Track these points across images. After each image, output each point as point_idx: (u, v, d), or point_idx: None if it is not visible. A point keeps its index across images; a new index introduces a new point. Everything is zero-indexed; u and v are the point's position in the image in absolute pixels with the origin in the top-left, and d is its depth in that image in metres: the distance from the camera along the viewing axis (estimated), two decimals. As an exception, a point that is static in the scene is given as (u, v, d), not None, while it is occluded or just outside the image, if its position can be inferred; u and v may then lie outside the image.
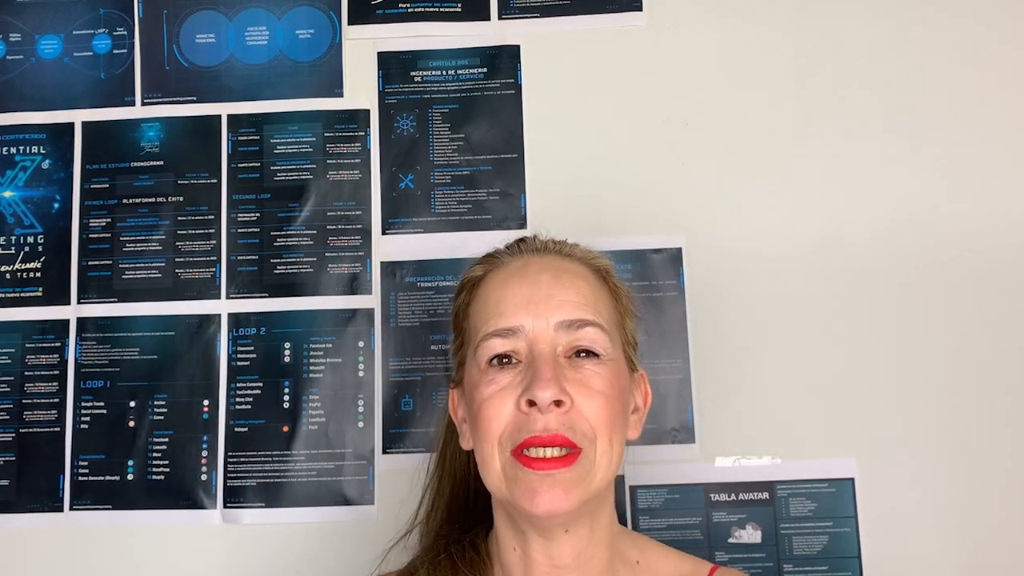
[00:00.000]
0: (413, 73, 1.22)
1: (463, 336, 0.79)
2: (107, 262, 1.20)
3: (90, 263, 1.20)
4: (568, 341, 0.72)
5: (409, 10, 1.23)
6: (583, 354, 0.72)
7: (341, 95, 1.22)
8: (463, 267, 1.16)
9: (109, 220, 1.21)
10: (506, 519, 0.76)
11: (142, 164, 1.21)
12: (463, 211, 1.19)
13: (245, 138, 1.21)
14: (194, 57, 1.24)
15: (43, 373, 1.18)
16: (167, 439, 1.16)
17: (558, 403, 0.69)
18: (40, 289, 1.20)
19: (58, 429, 1.16)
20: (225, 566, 1.13)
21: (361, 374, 1.16)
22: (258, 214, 1.20)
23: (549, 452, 0.69)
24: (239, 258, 1.19)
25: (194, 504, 1.14)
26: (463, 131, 1.20)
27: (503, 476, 0.71)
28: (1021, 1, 1.18)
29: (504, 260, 0.79)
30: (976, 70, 1.17)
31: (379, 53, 1.22)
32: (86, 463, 1.16)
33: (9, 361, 1.18)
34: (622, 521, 1.05)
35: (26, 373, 1.18)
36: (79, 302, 1.19)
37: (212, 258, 1.19)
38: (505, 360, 0.72)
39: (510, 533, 0.76)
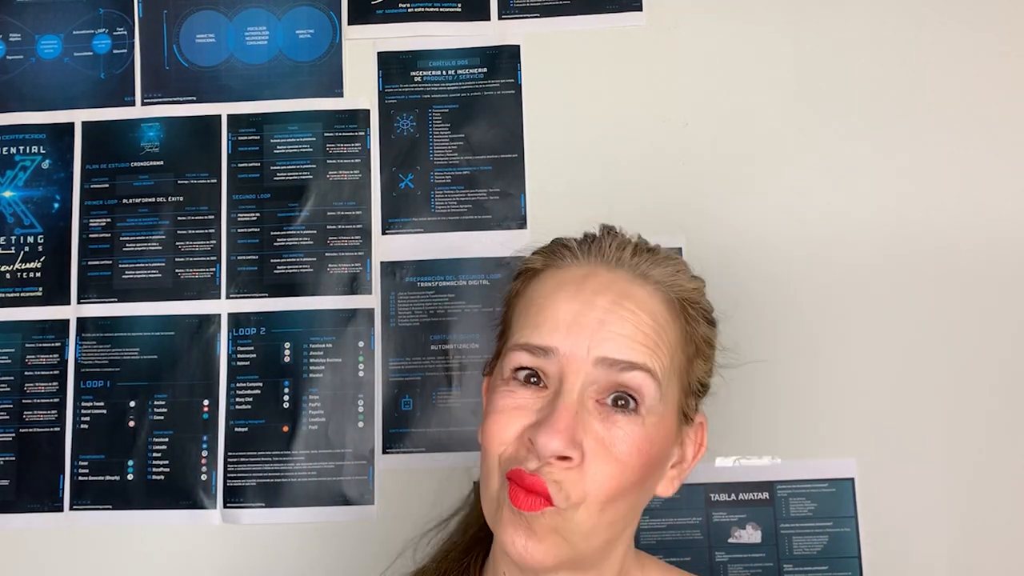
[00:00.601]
0: (413, 73, 1.22)
1: (505, 327, 0.70)
2: (107, 262, 1.20)
3: (90, 263, 1.20)
4: (607, 382, 0.61)
5: (409, 10, 1.23)
6: (620, 402, 0.61)
7: (341, 95, 1.22)
8: (463, 267, 1.17)
9: (109, 220, 1.21)
10: (505, 556, 0.67)
11: (142, 164, 1.21)
12: (463, 211, 1.19)
13: (245, 138, 1.21)
14: (194, 57, 1.24)
15: (43, 373, 1.18)
16: (167, 439, 1.16)
17: (563, 458, 0.59)
18: (40, 289, 1.20)
19: (58, 429, 1.16)
20: (225, 566, 1.13)
21: (361, 374, 1.16)
22: (258, 214, 1.20)
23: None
24: (239, 258, 1.19)
25: (194, 504, 1.14)
26: (463, 131, 1.20)
27: (496, 500, 0.62)
28: (1020, 3, 1.18)
29: (567, 260, 0.68)
30: (976, 70, 1.17)
31: (379, 53, 1.22)
32: (86, 463, 1.16)
33: (9, 361, 1.18)
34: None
35: (26, 373, 1.18)
36: (79, 302, 1.19)
37: (212, 258, 1.19)
38: (532, 378, 0.63)
39: (502, 559, 0.68)
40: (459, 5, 1.23)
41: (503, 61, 1.21)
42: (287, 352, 1.17)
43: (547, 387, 0.62)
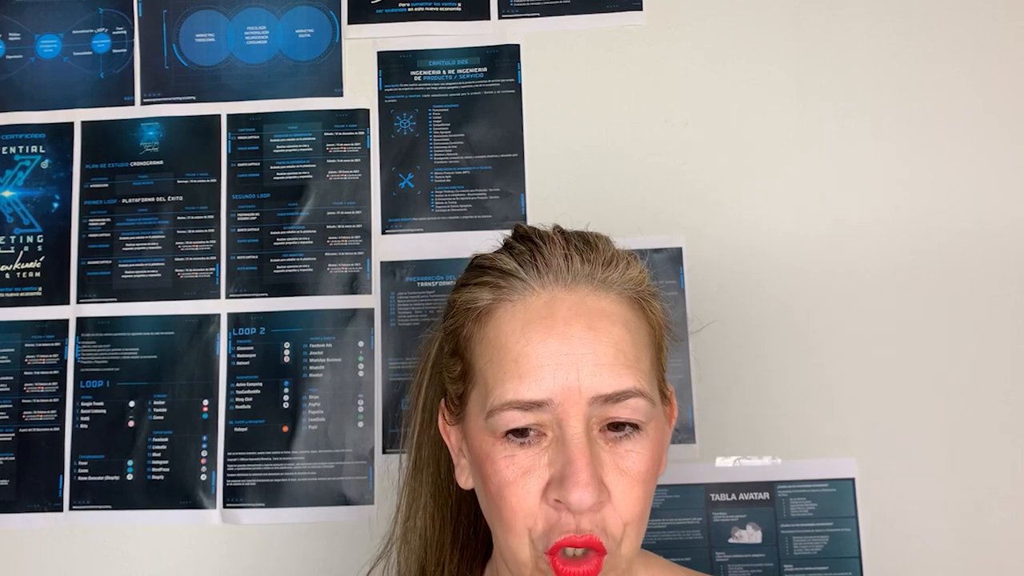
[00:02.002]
0: (413, 72, 1.22)
1: (466, 370, 0.64)
2: (106, 262, 1.20)
3: (89, 263, 1.20)
4: (604, 413, 0.59)
5: (409, 9, 1.23)
6: (628, 427, 0.60)
7: (341, 95, 1.22)
8: (463, 267, 1.17)
9: (108, 220, 1.20)
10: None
11: (142, 164, 1.21)
12: (463, 211, 1.19)
13: (245, 138, 1.21)
14: (194, 57, 1.23)
15: (42, 373, 1.18)
16: (167, 439, 1.15)
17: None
18: (39, 289, 1.20)
19: (57, 429, 1.16)
20: (225, 566, 1.13)
21: (361, 374, 1.16)
22: (258, 214, 1.20)
23: (577, 552, 0.58)
24: (239, 258, 1.19)
25: (194, 504, 1.14)
26: (463, 131, 1.20)
27: (534, 569, 0.60)
28: (1020, 4, 1.18)
29: (518, 290, 0.62)
30: (976, 70, 1.17)
31: (379, 52, 1.22)
32: (85, 463, 1.16)
33: (8, 361, 1.18)
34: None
35: (25, 373, 1.18)
36: (78, 302, 1.19)
37: (212, 258, 1.19)
38: (526, 434, 0.59)
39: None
40: (459, 4, 1.22)
41: (503, 61, 1.21)
42: (287, 352, 1.17)
43: (544, 434, 0.59)
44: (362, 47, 1.23)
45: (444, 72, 1.22)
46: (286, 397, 1.16)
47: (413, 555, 0.72)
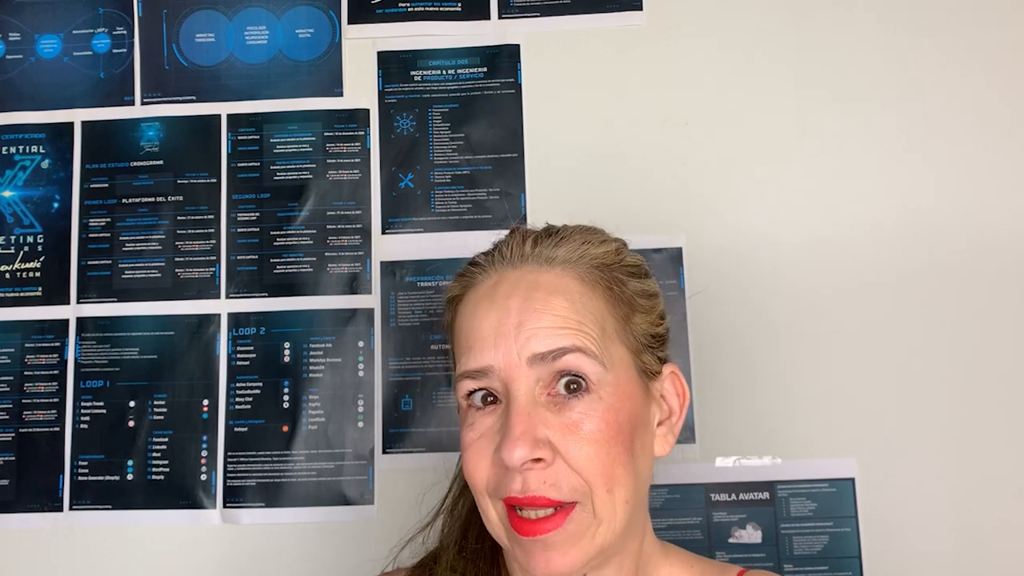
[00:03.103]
0: (413, 72, 1.22)
1: (452, 355, 0.70)
2: (107, 262, 1.20)
3: (90, 263, 1.20)
4: (546, 373, 0.62)
5: (409, 9, 1.23)
6: (572, 386, 0.62)
7: (341, 95, 1.22)
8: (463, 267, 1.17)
9: (108, 220, 1.20)
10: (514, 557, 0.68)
11: (142, 164, 1.21)
12: (463, 211, 1.19)
13: (245, 138, 1.21)
14: (194, 56, 1.23)
15: (42, 373, 1.18)
16: (167, 439, 1.15)
17: (538, 460, 0.60)
18: (40, 289, 1.20)
19: (58, 429, 1.16)
20: (225, 566, 1.13)
21: (361, 374, 1.16)
22: (258, 214, 1.20)
23: (538, 512, 0.60)
24: (239, 258, 1.19)
25: (194, 504, 1.14)
26: (463, 131, 1.20)
27: (503, 528, 0.63)
28: (1019, 5, 1.18)
29: (478, 276, 0.68)
30: (976, 70, 1.17)
31: (379, 52, 1.22)
32: (86, 463, 1.16)
33: (9, 361, 1.18)
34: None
35: (26, 373, 1.18)
36: (79, 302, 1.19)
37: (212, 258, 1.19)
38: (489, 398, 0.64)
39: (519, 572, 0.69)
40: (459, 4, 1.22)
41: (503, 61, 1.21)
42: (287, 352, 1.17)
43: (499, 401, 0.63)
44: (362, 47, 1.23)
45: (444, 72, 1.22)
46: (286, 397, 1.16)
47: (457, 523, 0.74)
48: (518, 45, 1.21)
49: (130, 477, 1.15)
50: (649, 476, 0.68)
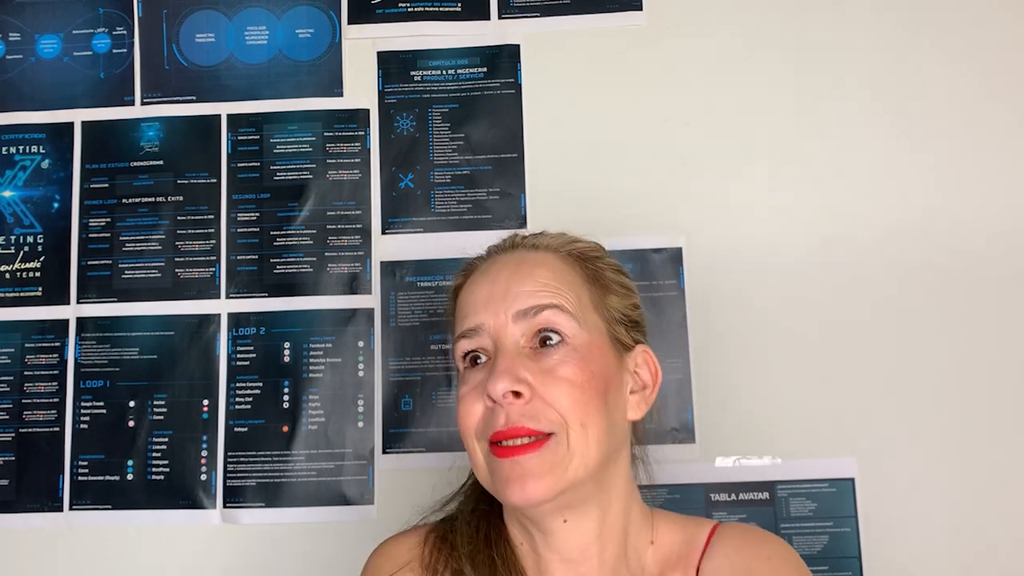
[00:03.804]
0: (413, 73, 1.22)
1: (454, 342, 0.80)
2: (107, 262, 1.20)
3: (90, 263, 1.20)
4: (528, 329, 0.72)
5: (409, 9, 1.23)
6: (549, 341, 0.71)
7: (341, 95, 1.22)
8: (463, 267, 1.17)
9: (109, 220, 1.20)
10: (512, 515, 0.77)
11: (142, 164, 1.21)
12: (463, 211, 1.19)
13: (245, 138, 1.21)
14: (194, 57, 1.24)
15: (43, 373, 1.18)
16: (167, 439, 1.16)
17: (516, 394, 0.69)
18: (40, 289, 1.20)
19: (58, 429, 1.16)
20: (225, 566, 1.13)
21: (361, 374, 1.16)
22: (258, 214, 1.20)
23: (518, 441, 0.68)
24: (239, 258, 1.19)
25: (194, 504, 1.14)
26: (463, 131, 1.20)
27: (486, 468, 0.71)
28: (1019, 5, 1.18)
29: (476, 265, 0.80)
30: (974, 71, 1.17)
31: (379, 53, 1.22)
32: (86, 463, 1.16)
33: (9, 361, 1.18)
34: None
35: (26, 373, 1.18)
36: (79, 302, 1.19)
37: (212, 258, 1.19)
38: (477, 359, 0.74)
39: (516, 528, 0.76)
40: (459, 5, 1.22)
41: (503, 61, 1.21)
42: (287, 352, 1.17)
43: (489, 359, 0.72)
44: (362, 47, 1.23)
45: (444, 72, 1.22)
46: (286, 397, 1.16)
47: (472, 493, 0.83)
48: (518, 45, 1.21)
49: (130, 477, 1.15)
50: (625, 435, 0.76)
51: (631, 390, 0.76)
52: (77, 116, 1.23)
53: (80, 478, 1.15)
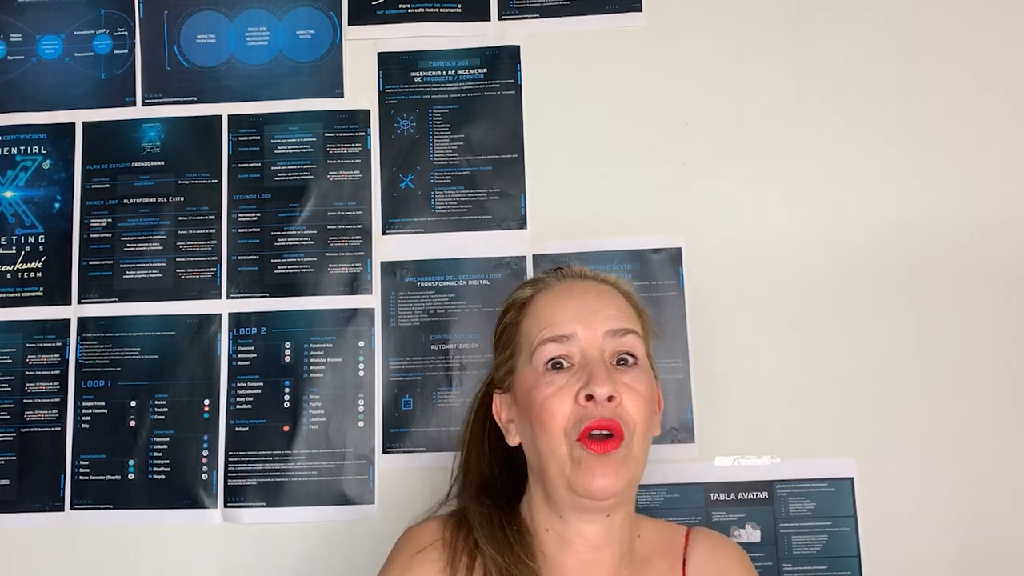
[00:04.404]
0: (413, 73, 1.22)
1: (514, 348, 0.88)
2: (108, 262, 1.20)
3: (91, 263, 1.20)
4: (613, 347, 0.82)
5: (409, 10, 1.23)
6: (624, 361, 0.83)
7: (341, 95, 1.22)
8: (463, 267, 1.17)
9: (110, 220, 1.21)
10: (544, 502, 0.85)
11: (143, 164, 1.22)
12: (463, 211, 1.19)
13: (246, 138, 1.22)
14: (195, 57, 1.24)
15: (44, 373, 1.18)
16: (168, 439, 1.16)
17: (610, 398, 0.79)
18: (41, 289, 1.20)
19: (59, 429, 1.17)
20: (225, 565, 1.13)
21: (361, 374, 1.16)
22: (258, 214, 1.20)
23: (604, 434, 0.79)
24: (239, 258, 1.19)
25: (194, 503, 1.14)
26: (463, 131, 1.21)
27: (569, 459, 0.80)
28: (1018, 6, 1.18)
29: (550, 283, 0.89)
30: (974, 71, 1.17)
31: (379, 53, 1.23)
32: (87, 463, 1.16)
33: (10, 361, 1.18)
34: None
35: (27, 373, 1.18)
36: (80, 302, 1.19)
37: (212, 258, 1.19)
38: (559, 364, 0.82)
39: (546, 515, 0.85)
40: (459, 5, 1.23)
41: (503, 61, 1.21)
42: (287, 352, 1.17)
43: (572, 366, 0.82)
44: (363, 48, 1.23)
45: (444, 73, 1.22)
46: (287, 397, 1.16)
47: (474, 491, 0.92)
48: (518, 46, 1.22)
49: (131, 477, 1.15)
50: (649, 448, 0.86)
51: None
52: (78, 117, 1.23)
53: (81, 478, 1.15)
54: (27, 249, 1.21)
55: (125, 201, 1.21)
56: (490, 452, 0.93)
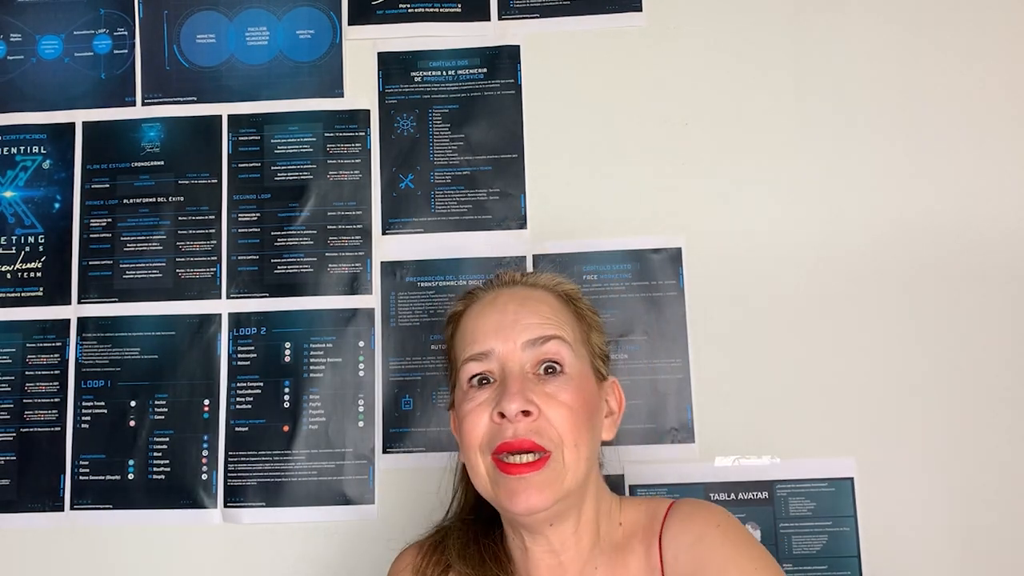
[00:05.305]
0: (413, 73, 1.22)
1: (450, 365, 0.88)
2: (108, 262, 1.20)
3: (91, 263, 1.20)
4: (534, 356, 0.81)
5: (409, 10, 1.23)
6: (550, 370, 0.81)
7: (341, 95, 1.22)
8: (463, 267, 1.17)
9: (110, 220, 1.21)
10: (508, 520, 0.84)
11: (143, 164, 1.22)
12: (463, 211, 1.19)
13: (245, 138, 1.22)
14: (195, 57, 1.24)
15: (44, 373, 1.18)
16: (168, 439, 1.16)
17: (526, 413, 0.77)
18: (41, 289, 1.20)
19: (59, 429, 1.17)
20: (225, 566, 1.13)
21: (361, 374, 1.16)
22: (258, 214, 1.20)
23: (524, 458, 0.77)
24: (239, 258, 1.19)
25: (194, 504, 1.14)
26: (463, 131, 1.21)
27: (488, 479, 0.80)
28: (1018, 6, 1.18)
29: (479, 295, 0.88)
30: (973, 72, 1.17)
31: (379, 53, 1.23)
32: (87, 463, 1.16)
33: (10, 361, 1.18)
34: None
35: (27, 373, 1.18)
36: (80, 302, 1.19)
37: (212, 258, 1.19)
38: (483, 380, 0.81)
39: (508, 527, 0.85)
40: (459, 5, 1.23)
41: (503, 61, 1.21)
42: (287, 352, 1.17)
43: (495, 381, 0.81)
44: (362, 48, 1.23)
45: (444, 73, 1.22)
46: (287, 397, 1.16)
47: (464, 504, 0.92)
48: (518, 46, 1.22)
49: (131, 477, 1.15)
50: (598, 449, 0.85)
51: (605, 415, 0.87)
52: (78, 117, 1.23)
53: (81, 478, 1.15)
54: (27, 249, 1.21)
55: (125, 201, 1.21)
56: None
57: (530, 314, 0.82)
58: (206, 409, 1.16)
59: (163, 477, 1.15)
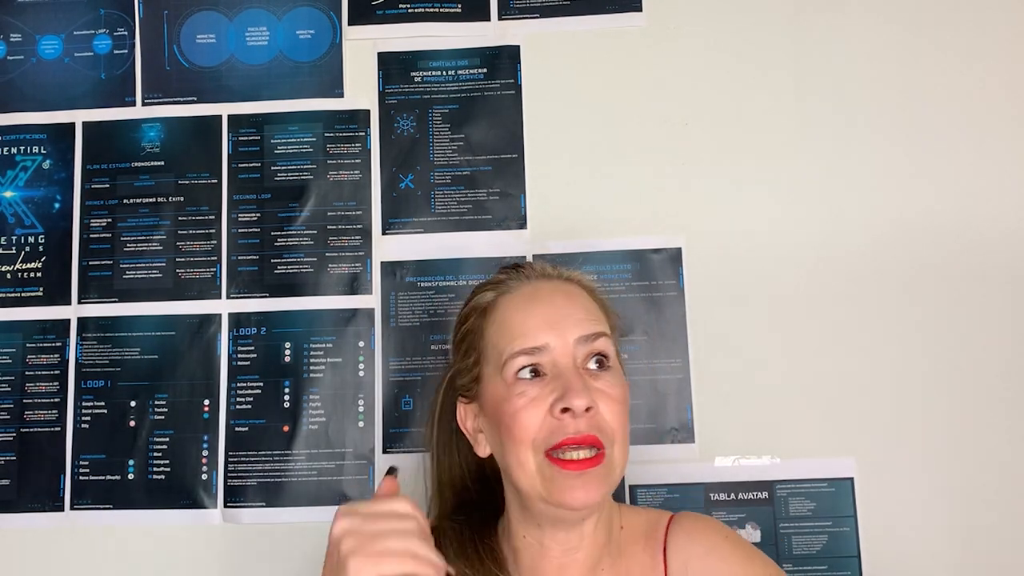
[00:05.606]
0: (413, 73, 1.22)
1: (479, 356, 0.85)
2: (108, 262, 1.20)
3: (91, 263, 1.20)
4: (585, 352, 0.80)
5: (409, 10, 1.23)
6: (597, 365, 0.81)
7: (341, 95, 1.22)
8: (463, 267, 1.17)
9: (110, 220, 1.21)
10: (520, 511, 0.84)
11: (143, 164, 1.22)
12: (463, 211, 1.19)
13: (245, 138, 1.22)
14: (195, 57, 1.24)
15: (44, 373, 1.18)
16: (168, 439, 1.16)
17: (587, 409, 0.77)
18: (41, 289, 1.20)
19: (59, 429, 1.17)
20: (226, 565, 1.13)
21: (361, 374, 1.16)
22: (258, 214, 1.20)
23: (581, 454, 0.77)
24: (239, 258, 1.19)
25: (194, 504, 1.14)
26: (463, 131, 1.21)
27: (538, 475, 0.78)
28: (1018, 6, 1.18)
29: (512, 285, 0.86)
30: (973, 72, 1.17)
31: (379, 53, 1.23)
32: (87, 463, 1.16)
33: (10, 361, 1.18)
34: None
35: (27, 373, 1.18)
36: (80, 302, 1.19)
37: (212, 258, 1.19)
38: (533, 374, 0.80)
39: (523, 524, 0.84)
40: (459, 5, 1.23)
41: (503, 61, 1.21)
42: (287, 352, 1.17)
43: (545, 375, 0.79)
44: (362, 48, 1.23)
45: (444, 73, 1.22)
46: (287, 397, 1.16)
47: (448, 507, 0.91)
48: (518, 46, 1.22)
49: (131, 477, 1.15)
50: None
51: None
52: (78, 117, 1.23)
53: (81, 478, 1.15)
54: (27, 249, 1.21)
55: (125, 201, 1.21)
56: (461, 463, 0.91)
57: (579, 309, 0.82)
58: (206, 409, 1.16)
59: (163, 477, 1.15)
